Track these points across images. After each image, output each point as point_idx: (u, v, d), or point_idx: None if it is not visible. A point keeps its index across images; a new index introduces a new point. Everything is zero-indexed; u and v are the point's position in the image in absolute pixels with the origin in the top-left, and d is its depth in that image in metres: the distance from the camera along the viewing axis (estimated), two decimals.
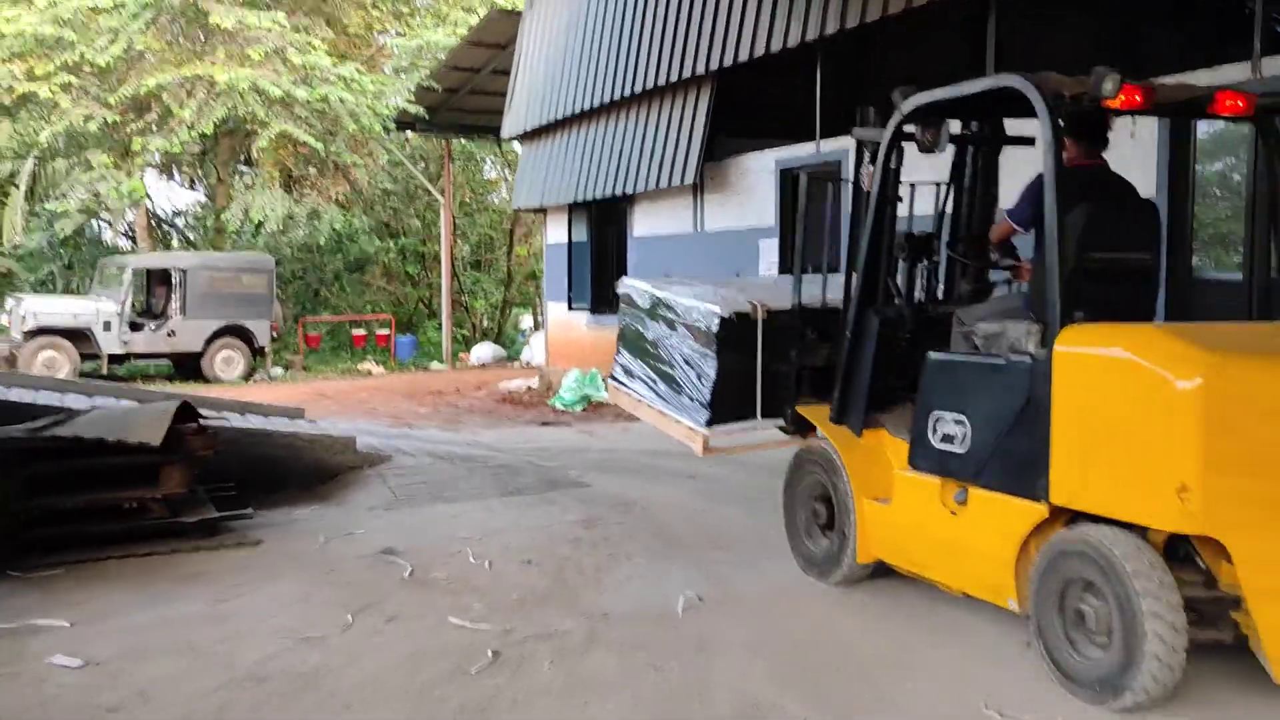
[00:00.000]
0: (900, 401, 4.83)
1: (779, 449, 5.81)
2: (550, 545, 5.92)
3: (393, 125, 18.66)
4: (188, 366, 17.41)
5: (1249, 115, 4.36)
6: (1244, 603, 3.45)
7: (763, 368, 5.51)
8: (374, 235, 25.92)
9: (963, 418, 4.26)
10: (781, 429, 5.59)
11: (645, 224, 13.38)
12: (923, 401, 4.51)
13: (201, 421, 6.46)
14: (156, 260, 18.21)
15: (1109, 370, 3.67)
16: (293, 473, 7.43)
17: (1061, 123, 4.01)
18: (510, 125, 15.85)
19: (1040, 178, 4.10)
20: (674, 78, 11.40)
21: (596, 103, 13.07)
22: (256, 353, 17.71)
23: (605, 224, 14.42)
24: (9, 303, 16.28)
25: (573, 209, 14.76)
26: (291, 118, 17.10)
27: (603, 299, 13.67)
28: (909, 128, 4.69)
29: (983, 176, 5.42)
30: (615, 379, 6.59)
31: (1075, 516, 3.79)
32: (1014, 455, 3.99)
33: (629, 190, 12.65)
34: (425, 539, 6.06)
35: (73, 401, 7.15)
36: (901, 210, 5.04)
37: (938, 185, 5.46)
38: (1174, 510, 3.43)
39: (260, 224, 19.78)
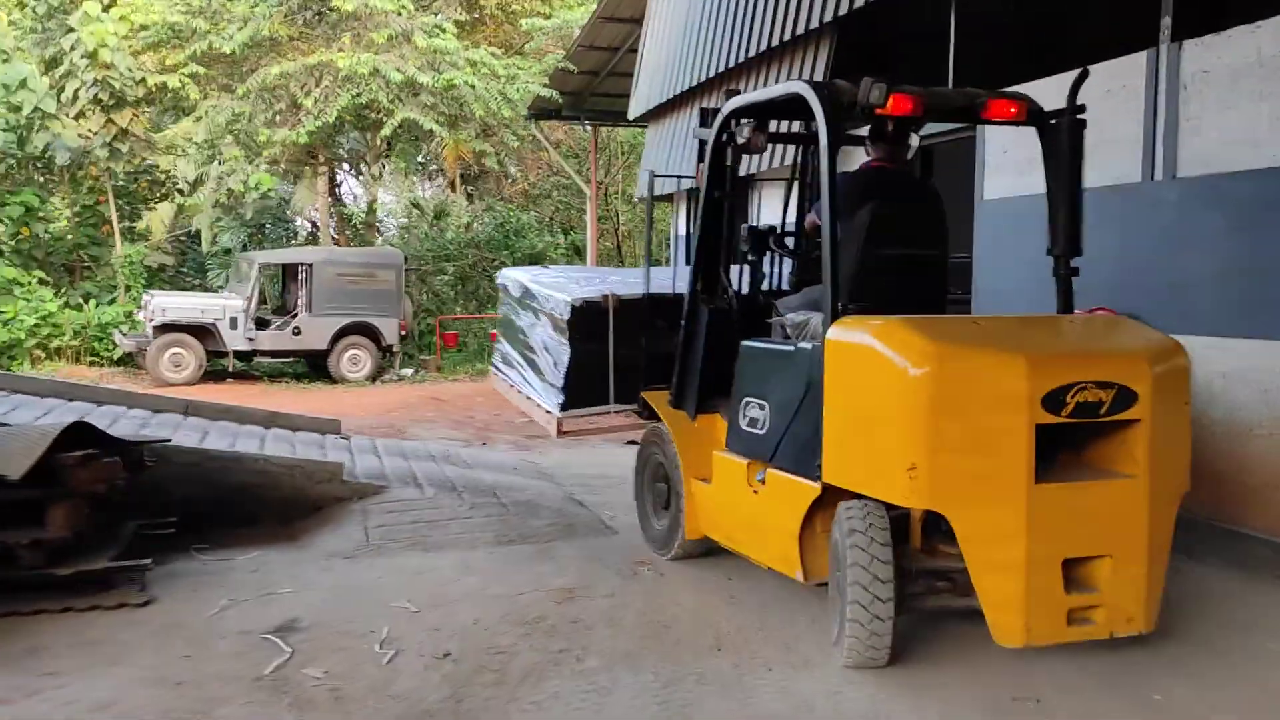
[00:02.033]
0: (729, 386, 4.88)
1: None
2: (494, 629, 4.47)
3: (524, 111, 17.57)
4: (317, 365, 16.93)
5: (1024, 120, 4.57)
6: (971, 574, 3.73)
7: (614, 355, 5.83)
8: (545, 230, 25.18)
9: (764, 403, 4.53)
10: (635, 413, 5.77)
11: (774, 209, 11.64)
12: (736, 387, 4.75)
13: (136, 447, 5.39)
14: (284, 256, 17.82)
15: (861, 358, 3.92)
16: (268, 504, 6.26)
17: (835, 128, 4.19)
18: (636, 105, 14.45)
19: (846, 177, 4.47)
20: (788, 35, 9.66)
21: (713, 72, 11.47)
22: (384, 351, 17.02)
23: (735, 213, 12.74)
24: (144, 298, 16.20)
25: (692, 195, 13.18)
26: (418, 105, 16.28)
27: None
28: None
29: (813, 175, 5.48)
30: (495, 366, 6.97)
31: (850, 495, 3.98)
32: (798, 438, 4.25)
33: (750, 171, 10.98)
34: (348, 609, 4.73)
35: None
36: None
37: (786, 182, 5.72)
38: (906, 487, 3.71)
39: (438, 217, 19.32)
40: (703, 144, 5.22)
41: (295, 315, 16.51)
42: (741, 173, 5.35)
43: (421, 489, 6.70)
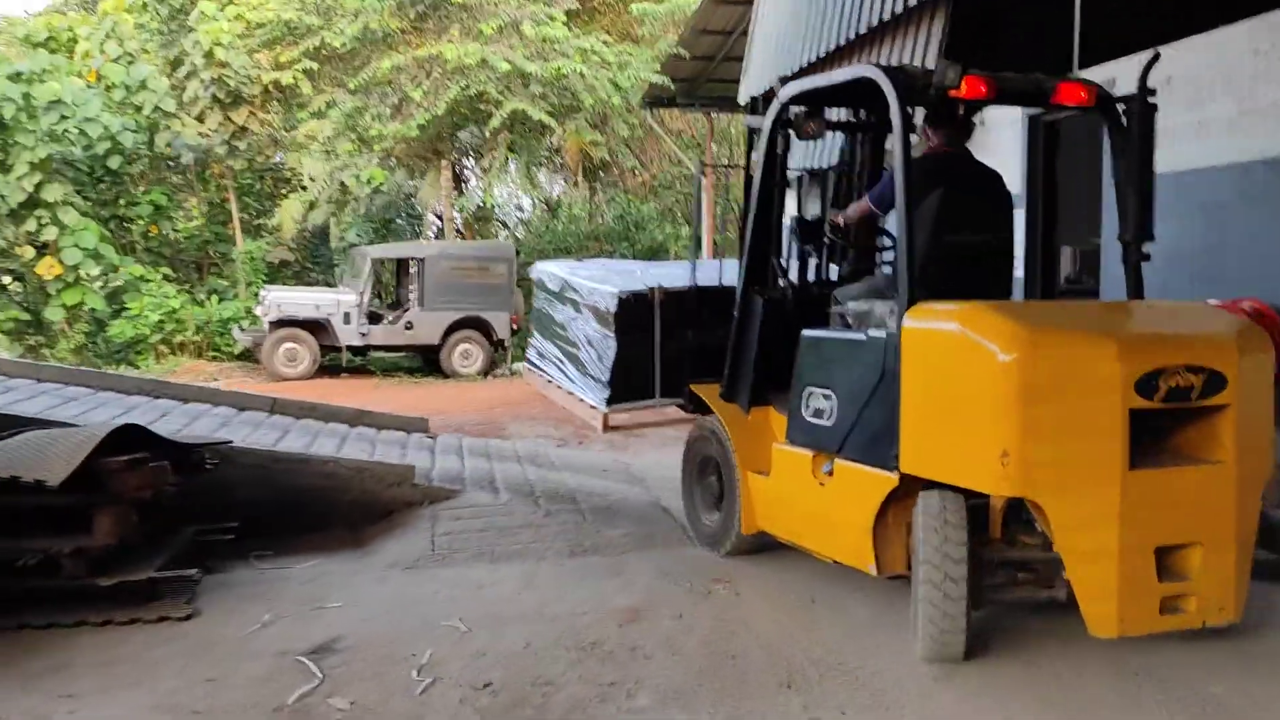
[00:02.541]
0: (785, 379, 4.80)
1: None
2: (545, 655, 4.05)
3: (636, 100, 17.13)
4: (430, 360, 16.91)
5: (1092, 105, 4.52)
6: (1064, 563, 3.69)
7: (661, 348, 5.66)
8: (666, 221, 24.76)
9: (830, 393, 4.44)
10: (681, 407, 5.59)
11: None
12: (797, 378, 4.66)
13: (204, 450, 5.19)
14: (397, 250, 17.83)
15: (944, 345, 3.88)
16: (337, 508, 6.02)
17: (919, 112, 4.41)
18: (745, 89, 13.81)
19: (896, 167, 4.26)
20: (900, 8, 8.96)
21: (823, 51, 10.81)
22: (496, 346, 16.87)
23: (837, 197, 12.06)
24: (261, 294, 16.43)
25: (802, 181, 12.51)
26: (527, 95, 16.03)
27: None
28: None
29: (869, 162, 5.43)
30: (529, 361, 6.68)
31: (928, 485, 3.88)
32: (871, 427, 4.16)
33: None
34: (394, 628, 4.39)
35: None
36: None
37: (829, 171, 5.51)
38: (997, 475, 3.64)
39: (554, 210, 19.17)
40: (753, 132, 5.14)
41: (407, 310, 16.50)
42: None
43: (497, 493, 6.35)
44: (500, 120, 16.21)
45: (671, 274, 6.23)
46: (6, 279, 17.55)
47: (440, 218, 23.07)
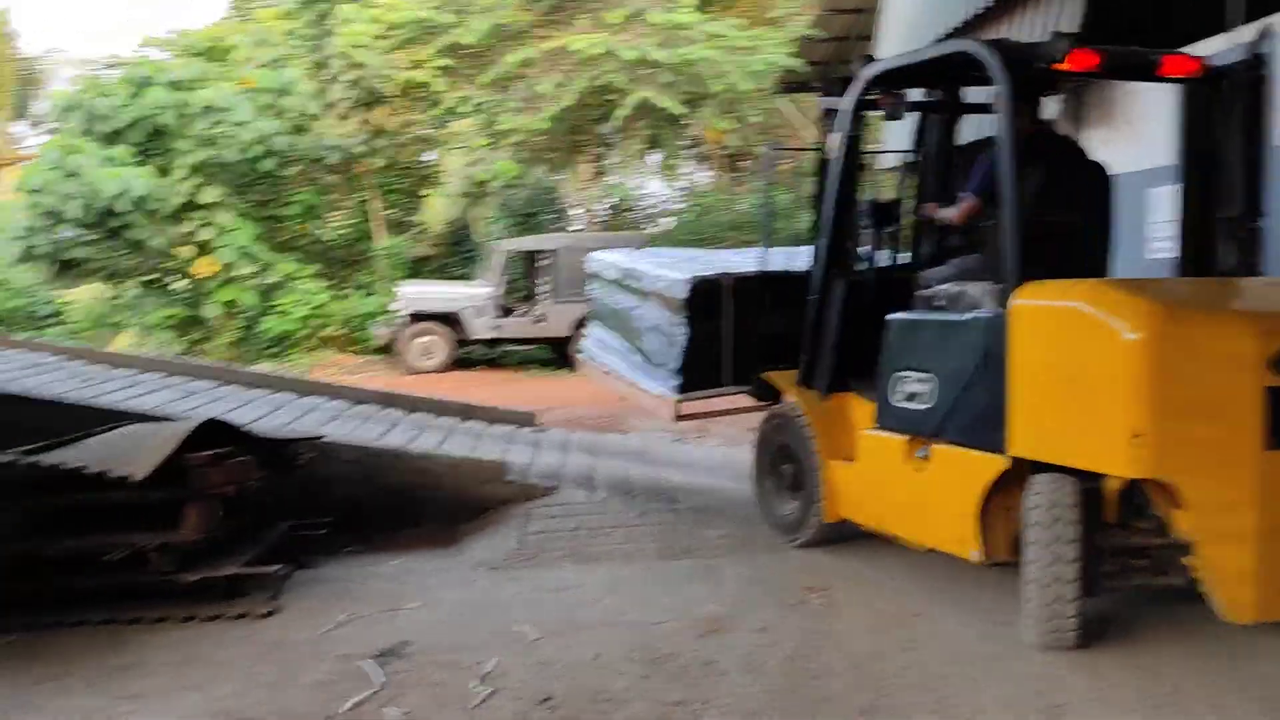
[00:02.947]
0: (867, 364, 4.75)
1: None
2: (613, 666, 3.82)
3: (767, 85, 16.66)
4: (561, 352, 16.91)
5: (1201, 76, 4.40)
6: (1195, 547, 3.56)
7: (731, 335, 5.46)
8: (809, 210, 24.06)
9: (925, 376, 4.36)
10: (749, 395, 5.63)
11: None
12: (885, 362, 4.59)
13: (297, 445, 5.19)
14: (528, 243, 17.88)
15: (1064, 323, 3.81)
16: (431, 504, 5.94)
17: (1015, 86, 4.05)
18: (882, 54, 13.25)
19: (989, 152, 4.28)
20: None
21: (954, 23, 10.19)
22: None
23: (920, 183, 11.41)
24: (397, 288, 16.77)
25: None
26: (654, 84, 15.81)
27: None
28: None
29: (941, 144, 5.45)
30: (586, 353, 6.52)
31: (1036, 467, 3.81)
32: (974, 410, 4.10)
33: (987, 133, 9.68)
34: (466, 632, 4.24)
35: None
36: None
37: (900, 153, 5.67)
38: (1127, 456, 3.53)
39: (698, 201, 18.90)
40: (828, 113, 5.10)
41: (539, 302, 16.55)
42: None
43: (594, 491, 6.15)
44: (628, 110, 16.04)
45: (737, 260, 5.99)
46: (170, 278, 18.42)
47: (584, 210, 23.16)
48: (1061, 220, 4.33)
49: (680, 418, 5.73)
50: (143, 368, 7.89)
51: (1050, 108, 7.90)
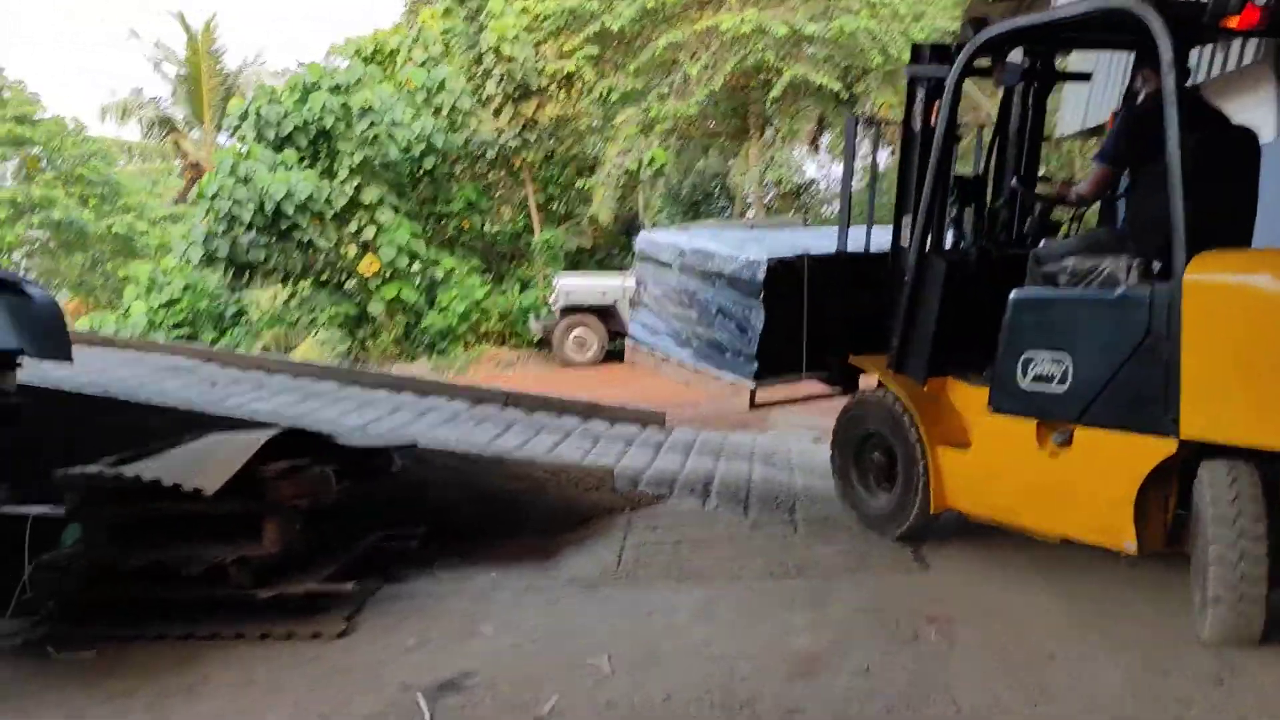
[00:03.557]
0: (967, 345, 4.63)
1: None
2: (681, 713, 3.40)
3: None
4: None
5: None
6: None
7: (808, 318, 5.15)
8: None
9: (1062, 356, 4.16)
10: (826, 381, 5.40)
11: None
12: (1009, 343, 4.36)
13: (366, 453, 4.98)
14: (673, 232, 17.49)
15: (1248, 297, 3.67)
16: (532, 512, 5.64)
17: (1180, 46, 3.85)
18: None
19: (1129, 113, 4.45)
20: None
21: None
22: None
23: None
24: (553, 281, 16.72)
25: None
26: (809, 60, 15.10)
27: None
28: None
29: (1033, 116, 5.20)
30: (634, 337, 6.29)
31: (1208, 450, 3.65)
32: (1132, 390, 3.90)
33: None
34: (534, 663, 3.89)
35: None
36: None
37: (979, 127, 5.66)
38: None
39: (871, 180, 18.10)
40: (914, 83, 4.92)
41: None
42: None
43: (706, 499, 5.71)
44: (778, 91, 15.39)
45: (806, 240, 5.80)
46: (340, 276, 18.98)
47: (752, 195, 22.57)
48: (1213, 189, 3.91)
49: (755, 405, 5.46)
50: (272, 369, 7.94)
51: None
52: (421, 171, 18.94)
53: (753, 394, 5.35)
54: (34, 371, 6.46)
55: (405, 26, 22.45)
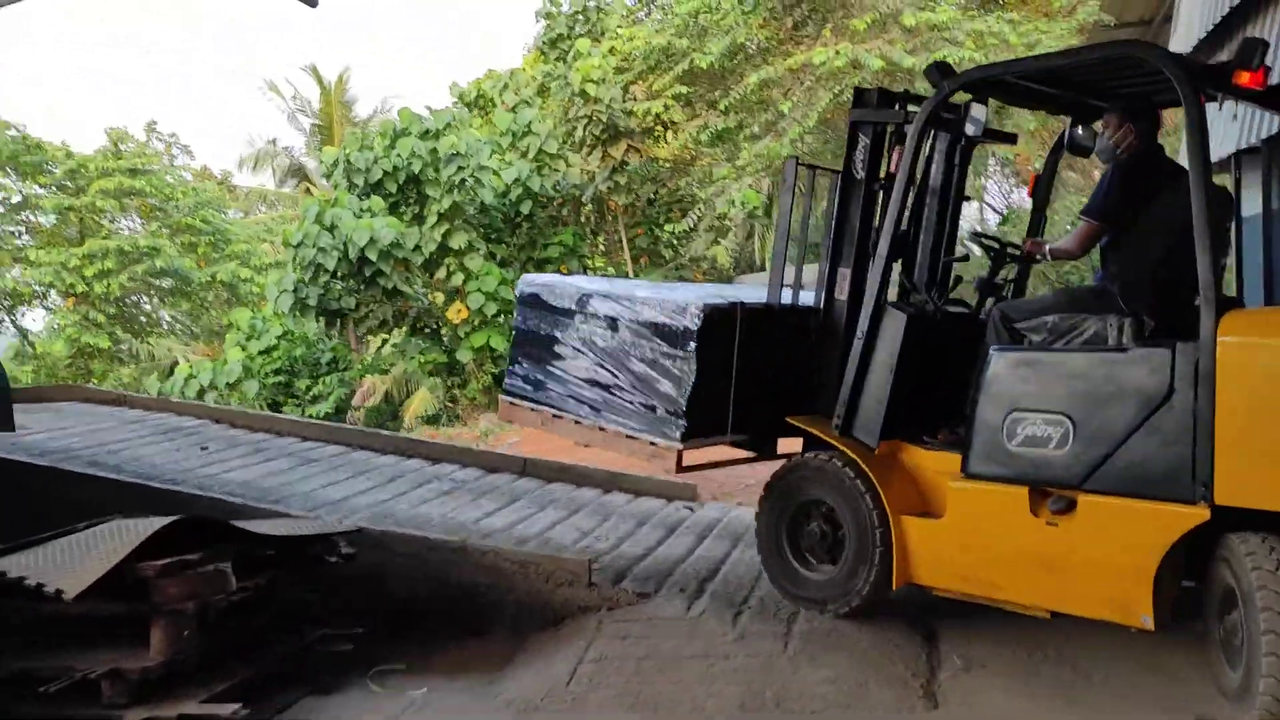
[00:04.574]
0: (919, 406, 4.48)
1: None
2: None
3: None
4: None
5: None
6: None
7: (738, 374, 4.72)
8: None
9: (1059, 418, 3.91)
10: (742, 445, 5.03)
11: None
12: (989, 402, 4.11)
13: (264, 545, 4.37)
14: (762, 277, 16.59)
15: None
16: (502, 606, 4.93)
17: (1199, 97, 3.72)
18: (1178, 40, 10.98)
19: (1118, 168, 4.22)
20: None
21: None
22: None
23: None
24: None
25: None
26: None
27: None
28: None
29: (959, 172, 5.02)
30: (511, 392, 5.57)
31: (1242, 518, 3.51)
32: (1151, 455, 3.68)
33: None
34: None
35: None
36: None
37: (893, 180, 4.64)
38: None
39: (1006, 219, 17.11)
40: (856, 128, 4.70)
41: None
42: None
43: (695, 601, 4.85)
44: None
45: (712, 292, 5.19)
46: (430, 324, 18.76)
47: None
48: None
49: (682, 469, 4.82)
50: (283, 431, 7.50)
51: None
52: (519, 216, 18.61)
53: (679, 456, 4.74)
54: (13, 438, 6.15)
55: (526, 68, 22.33)
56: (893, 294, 4.76)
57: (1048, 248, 4.51)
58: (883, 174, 4.66)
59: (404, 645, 4.74)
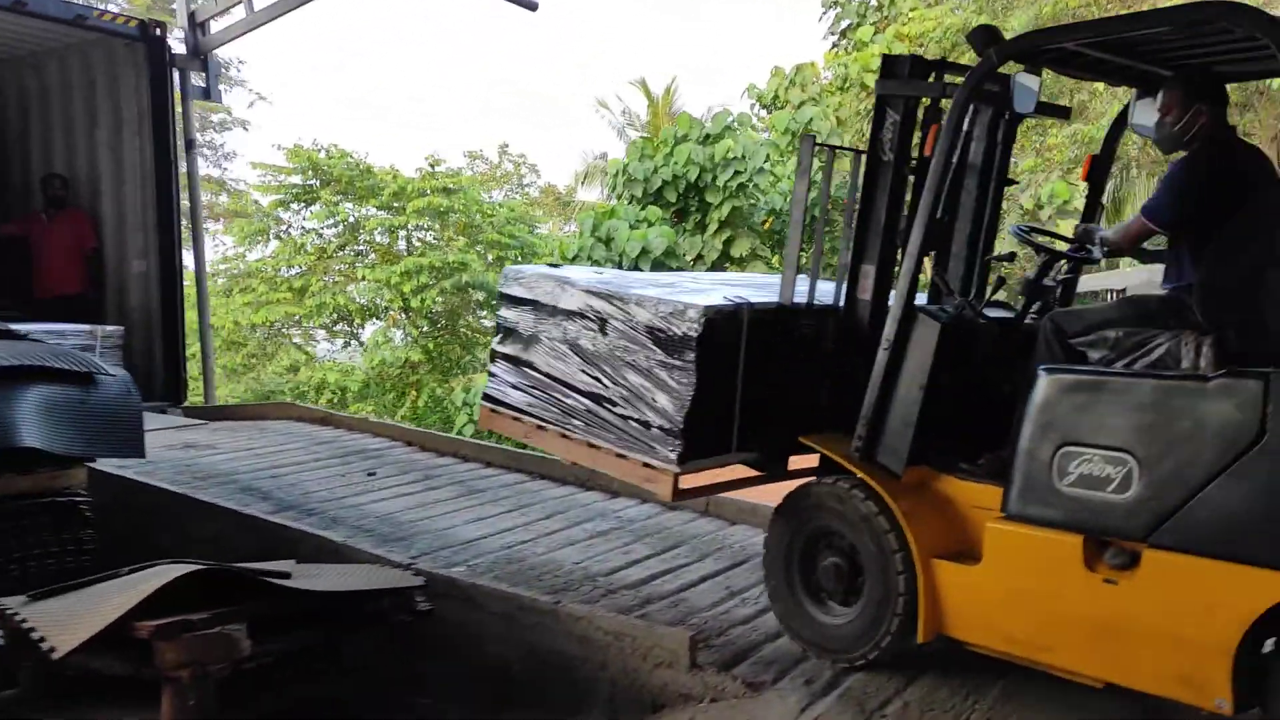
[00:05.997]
0: (951, 428, 3.89)
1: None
2: None
3: None
4: None
5: None
6: None
7: (744, 384, 4.09)
8: None
9: (1122, 455, 3.32)
10: (750, 464, 4.47)
11: None
12: (1037, 432, 3.53)
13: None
14: (1099, 280, 14.43)
15: None
16: (596, 683, 4.15)
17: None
18: None
19: (1183, 169, 3.60)
20: None
21: None
22: None
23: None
24: None
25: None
26: None
27: None
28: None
29: (1002, 153, 4.37)
30: (491, 399, 4.89)
31: None
32: (1236, 506, 3.11)
33: None
34: None
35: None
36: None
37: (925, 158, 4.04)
38: None
39: None
40: (883, 102, 4.03)
41: None
42: None
43: (825, 696, 3.81)
44: None
45: (732, 289, 4.38)
46: None
47: None
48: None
49: (679, 494, 4.18)
50: (468, 456, 7.15)
51: None
52: (812, 221, 17.69)
53: (675, 479, 4.08)
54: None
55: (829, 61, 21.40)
56: (921, 294, 4.19)
57: (1099, 235, 3.94)
58: (915, 156, 4.04)
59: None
